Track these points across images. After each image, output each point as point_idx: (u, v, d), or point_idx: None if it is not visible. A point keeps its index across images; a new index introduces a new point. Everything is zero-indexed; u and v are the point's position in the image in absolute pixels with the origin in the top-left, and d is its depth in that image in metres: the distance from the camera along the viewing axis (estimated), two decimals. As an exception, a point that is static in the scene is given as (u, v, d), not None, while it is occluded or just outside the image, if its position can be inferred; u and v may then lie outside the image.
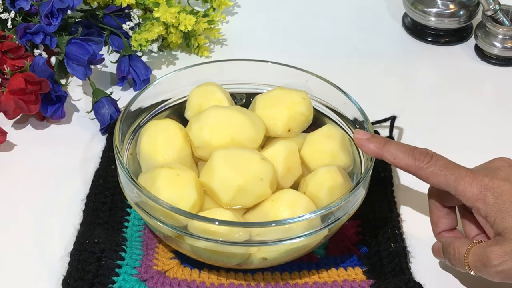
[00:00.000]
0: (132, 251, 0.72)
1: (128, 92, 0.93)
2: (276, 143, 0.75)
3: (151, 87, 0.79)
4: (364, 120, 0.75)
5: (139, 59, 0.93)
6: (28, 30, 0.88)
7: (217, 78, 0.81)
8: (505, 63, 0.99)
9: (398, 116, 0.88)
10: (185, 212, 0.67)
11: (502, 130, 0.90)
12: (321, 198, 0.70)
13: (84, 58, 0.87)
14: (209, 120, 0.74)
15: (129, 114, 0.76)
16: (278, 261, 0.71)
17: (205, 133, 0.73)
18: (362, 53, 1.02)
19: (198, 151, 0.74)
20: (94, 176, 0.80)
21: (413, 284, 0.69)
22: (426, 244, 0.75)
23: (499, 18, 0.97)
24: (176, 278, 0.71)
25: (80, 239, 0.72)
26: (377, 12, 1.09)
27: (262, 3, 1.10)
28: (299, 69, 0.81)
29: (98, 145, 0.85)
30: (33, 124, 0.89)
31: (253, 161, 0.70)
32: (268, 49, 1.01)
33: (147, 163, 0.74)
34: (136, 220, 0.76)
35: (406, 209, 0.79)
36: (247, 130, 0.74)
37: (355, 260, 0.73)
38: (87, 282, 0.69)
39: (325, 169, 0.72)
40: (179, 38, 0.97)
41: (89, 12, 0.99)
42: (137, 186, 0.68)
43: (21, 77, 0.84)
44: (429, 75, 0.99)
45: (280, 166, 0.73)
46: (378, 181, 0.79)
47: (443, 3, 1.01)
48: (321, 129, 0.77)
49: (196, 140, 0.74)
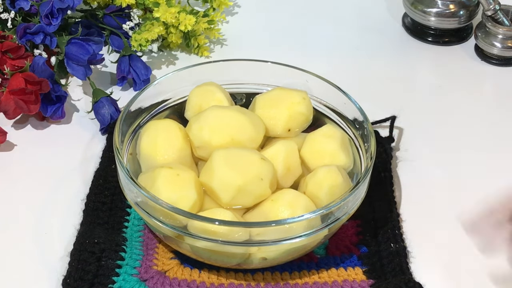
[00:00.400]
0: (132, 251, 0.72)
1: (128, 92, 0.93)
2: (276, 143, 0.75)
3: (151, 87, 0.79)
4: (364, 120, 0.75)
5: (139, 59, 0.93)
6: (28, 30, 0.88)
7: (217, 78, 0.81)
8: (505, 63, 0.99)
9: (398, 116, 0.88)
10: (185, 212, 0.67)
11: (502, 130, 0.90)
12: (321, 198, 0.70)
13: (84, 58, 0.87)
14: (209, 120, 0.74)
15: (129, 114, 0.76)
16: (278, 261, 0.71)
17: (205, 133, 0.73)
18: (362, 53, 1.02)
19: (198, 151, 0.74)
20: (94, 176, 0.80)
21: (413, 284, 0.69)
22: (426, 244, 0.75)
23: (499, 18, 0.97)
24: (176, 278, 0.71)
25: (80, 239, 0.72)
26: (377, 12, 1.09)
27: (262, 3, 1.10)
28: (299, 69, 0.80)
29: (98, 145, 0.85)
30: (33, 124, 0.89)
31: (253, 161, 0.70)
32: (268, 49, 1.01)
33: (147, 163, 0.74)
34: (136, 220, 0.76)
35: (406, 209, 0.79)
36: (247, 130, 0.74)
37: (355, 260, 0.73)
38: (87, 282, 0.69)
39: (325, 169, 0.72)
40: (179, 38, 0.97)
41: (89, 12, 0.99)
42: (137, 186, 0.68)
43: (21, 77, 0.84)
44: (429, 75, 0.99)
45: (280, 166, 0.73)
46: (378, 181, 0.79)
47: (443, 3, 1.01)
48: (321, 129, 0.77)
49: (196, 140, 0.74)
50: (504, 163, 0.85)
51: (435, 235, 0.76)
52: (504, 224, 0.77)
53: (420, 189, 0.81)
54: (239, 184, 0.69)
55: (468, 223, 0.77)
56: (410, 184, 0.82)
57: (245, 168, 0.69)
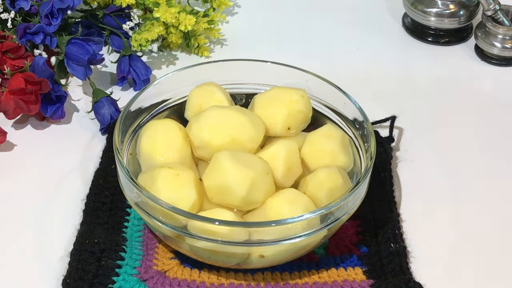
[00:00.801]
0: (132, 251, 0.72)
1: (128, 92, 0.93)
2: (276, 143, 0.75)
3: (151, 87, 0.79)
4: (364, 120, 0.75)
5: (139, 59, 0.93)
6: (28, 30, 0.88)
7: (217, 78, 0.81)
8: (505, 63, 0.99)
9: (398, 116, 0.88)
10: (184, 212, 0.67)
11: (502, 130, 0.90)
12: (321, 198, 0.70)
13: (84, 58, 0.87)
14: (209, 120, 0.74)
15: (129, 114, 0.76)
16: (277, 261, 0.71)
17: (205, 133, 0.73)
18: (362, 53, 1.02)
19: (198, 151, 0.74)
20: (94, 176, 0.80)
21: (413, 284, 0.69)
22: (426, 244, 0.75)
23: (499, 18, 0.97)
24: (176, 278, 0.71)
25: (80, 239, 0.72)
26: (377, 12, 1.09)
27: (262, 3, 1.10)
28: (299, 69, 0.80)
29: (98, 145, 0.85)
30: (33, 124, 0.89)
31: (254, 158, 0.71)
32: (268, 49, 1.01)
33: (147, 163, 0.74)
34: (136, 220, 0.76)
35: (406, 209, 0.79)
36: (247, 130, 0.74)
37: (355, 260, 0.73)
38: (87, 282, 0.69)
39: (326, 170, 0.72)
40: (179, 38, 0.97)
41: (89, 12, 0.99)
42: (137, 186, 0.68)
43: (21, 77, 0.84)
44: (429, 75, 0.99)
45: (281, 166, 0.73)
46: (378, 181, 0.79)
47: (443, 3, 1.01)
48: (321, 129, 0.77)
49: (196, 140, 0.74)
50: (504, 163, 0.85)
51: (435, 235, 0.76)
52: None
53: (420, 189, 0.81)
54: (252, 177, 0.68)
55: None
56: (410, 184, 0.82)
57: (252, 164, 0.70)
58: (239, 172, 0.69)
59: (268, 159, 0.72)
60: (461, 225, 0.78)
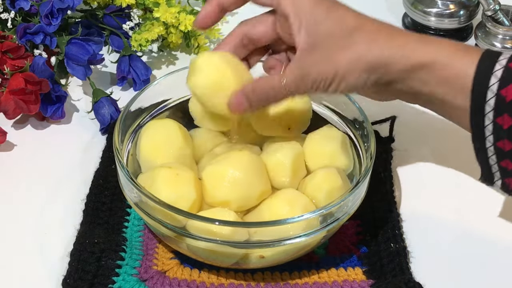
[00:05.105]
0: (132, 251, 0.72)
1: (128, 92, 0.93)
2: (283, 147, 0.74)
3: (151, 87, 0.79)
4: (364, 120, 0.75)
5: (139, 59, 0.93)
6: (28, 30, 0.88)
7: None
8: (505, 63, 0.99)
9: (398, 116, 0.88)
10: (184, 212, 0.67)
11: (502, 130, 0.90)
12: (320, 200, 0.70)
13: (84, 58, 0.88)
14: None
15: (129, 114, 0.76)
16: (277, 261, 0.71)
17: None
18: (362, 53, 1.02)
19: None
20: (94, 176, 0.80)
21: (413, 284, 0.69)
22: (426, 244, 0.75)
23: (499, 18, 0.97)
24: (176, 278, 0.71)
25: (80, 239, 0.72)
26: (377, 12, 1.09)
27: (262, 3, 1.10)
28: (299, 69, 0.80)
29: (98, 145, 0.85)
30: (33, 124, 0.89)
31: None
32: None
33: (147, 163, 0.74)
34: (136, 220, 0.76)
35: (406, 209, 0.79)
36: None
37: (355, 260, 0.73)
38: (87, 282, 0.69)
39: (324, 171, 0.72)
40: (179, 38, 0.97)
41: (89, 12, 0.99)
42: (137, 186, 0.68)
43: (21, 77, 0.84)
44: (429, 75, 0.99)
45: (288, 171, 0.72)
46: (378, 181, 0.79)
47: (443, 3, 1.01)
48: (321, 129, 0.77)
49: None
50: (504, 163, 0.85)
51: (435, 235, 0.76)
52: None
53: (420, 189, 0.81)
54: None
55: None
56: (410, 184, 0.82)
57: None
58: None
59: (275, 165, 0.72)
60: (461, 225, 0.78)
